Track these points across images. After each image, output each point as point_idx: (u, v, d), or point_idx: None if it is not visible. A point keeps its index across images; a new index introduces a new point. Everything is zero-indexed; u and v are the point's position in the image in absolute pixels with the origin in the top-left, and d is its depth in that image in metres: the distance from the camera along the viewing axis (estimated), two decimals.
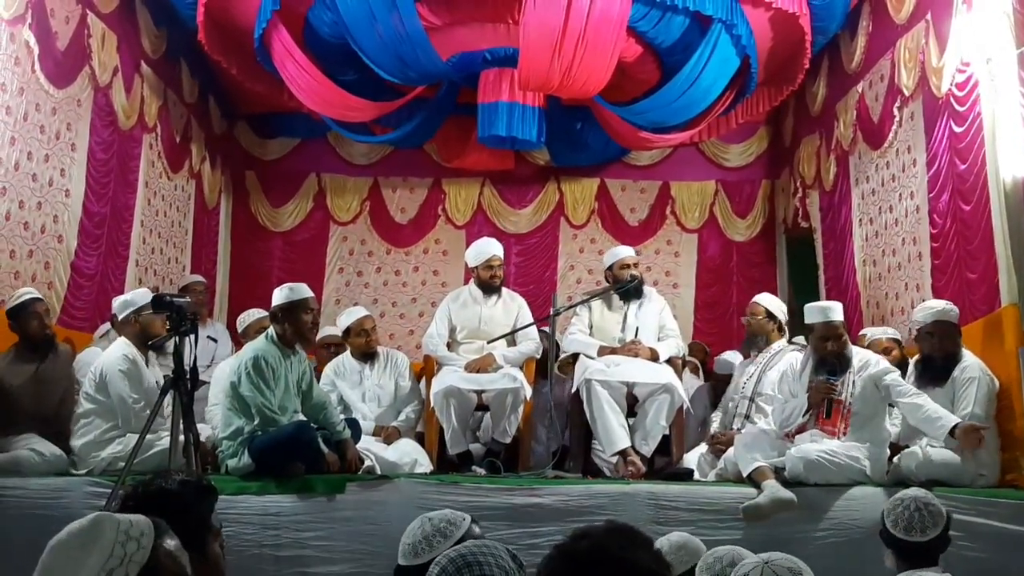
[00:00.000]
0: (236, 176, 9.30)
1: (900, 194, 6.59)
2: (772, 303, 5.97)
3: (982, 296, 5.36)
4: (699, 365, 7.95)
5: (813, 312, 5.07)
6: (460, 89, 7.71)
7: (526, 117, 7.18)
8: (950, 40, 5.69)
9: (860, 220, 7.33)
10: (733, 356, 6.71)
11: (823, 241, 8.13)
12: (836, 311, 5.06)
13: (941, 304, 5.27)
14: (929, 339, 5.20)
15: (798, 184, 8.59)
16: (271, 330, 5.04)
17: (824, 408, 4.85)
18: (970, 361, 5.03)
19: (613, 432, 5.53)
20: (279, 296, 5.05)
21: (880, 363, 4.98)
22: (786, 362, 5.45)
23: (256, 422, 4.82)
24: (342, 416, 5.35)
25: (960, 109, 5.58)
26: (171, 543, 1.64)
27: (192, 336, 4.32)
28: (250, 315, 6.28)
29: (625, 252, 6.27)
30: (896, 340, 6.01)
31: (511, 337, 6.13)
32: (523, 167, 9.19)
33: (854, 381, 4.90)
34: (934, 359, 5.16)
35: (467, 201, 9.24)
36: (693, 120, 7.72)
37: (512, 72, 6.86)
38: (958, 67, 5.59)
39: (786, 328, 5.94)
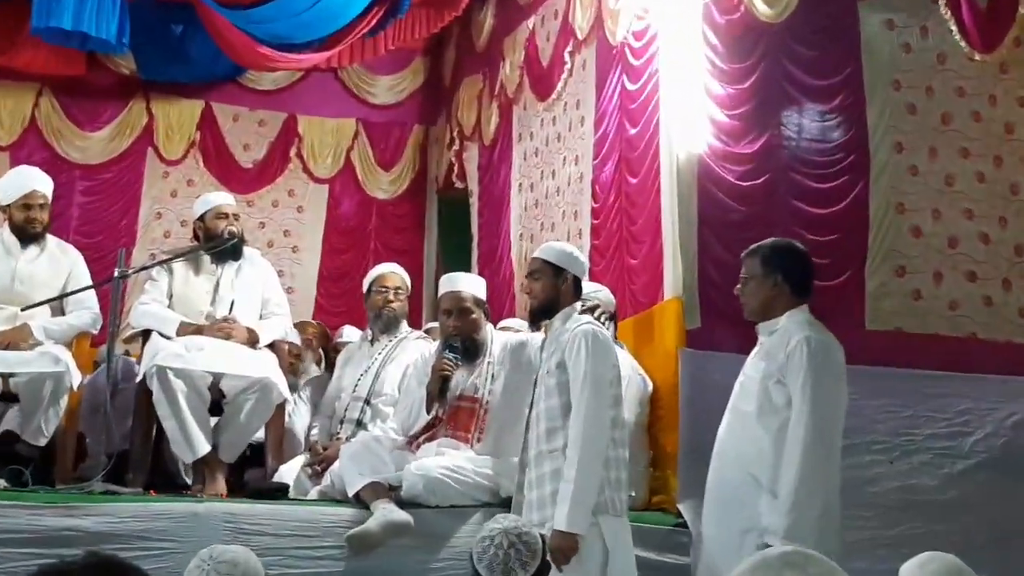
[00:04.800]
0: None
1: (565, 157, 6.99)
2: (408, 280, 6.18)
3: (643, 286, 5.79)
4: (323, 353, 8.02)
5: (442, 283, 5.29)
6: None
7: (103, 8, 6.92)
8: None
9: (520, 185, 7.72)
10: (353, 333, 6.92)
11: (479, 207, 8.51)
12: (464, 281, 5.29)
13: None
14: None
15: (455, 134, 8.92)
16: None
17: (441, 390, 5.01)
18: (623, 359, 5.40)
19: (192, 436, 5.48)
20: None
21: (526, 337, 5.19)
22: (413, 352, 5.68)
23: None
24: None
25: (635, 63, 5.98)
26: None
27: None
28: None
29: (222, 199, 6.27)
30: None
31: (59, 304, 5.86)
32: (99, 75, 8.85)
33: (493, 375, 5.16)
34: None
35: (15, 114, 8.75)
36: (330, 38, 7.79)
37: None
38: (637, 12, 5.97)
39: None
